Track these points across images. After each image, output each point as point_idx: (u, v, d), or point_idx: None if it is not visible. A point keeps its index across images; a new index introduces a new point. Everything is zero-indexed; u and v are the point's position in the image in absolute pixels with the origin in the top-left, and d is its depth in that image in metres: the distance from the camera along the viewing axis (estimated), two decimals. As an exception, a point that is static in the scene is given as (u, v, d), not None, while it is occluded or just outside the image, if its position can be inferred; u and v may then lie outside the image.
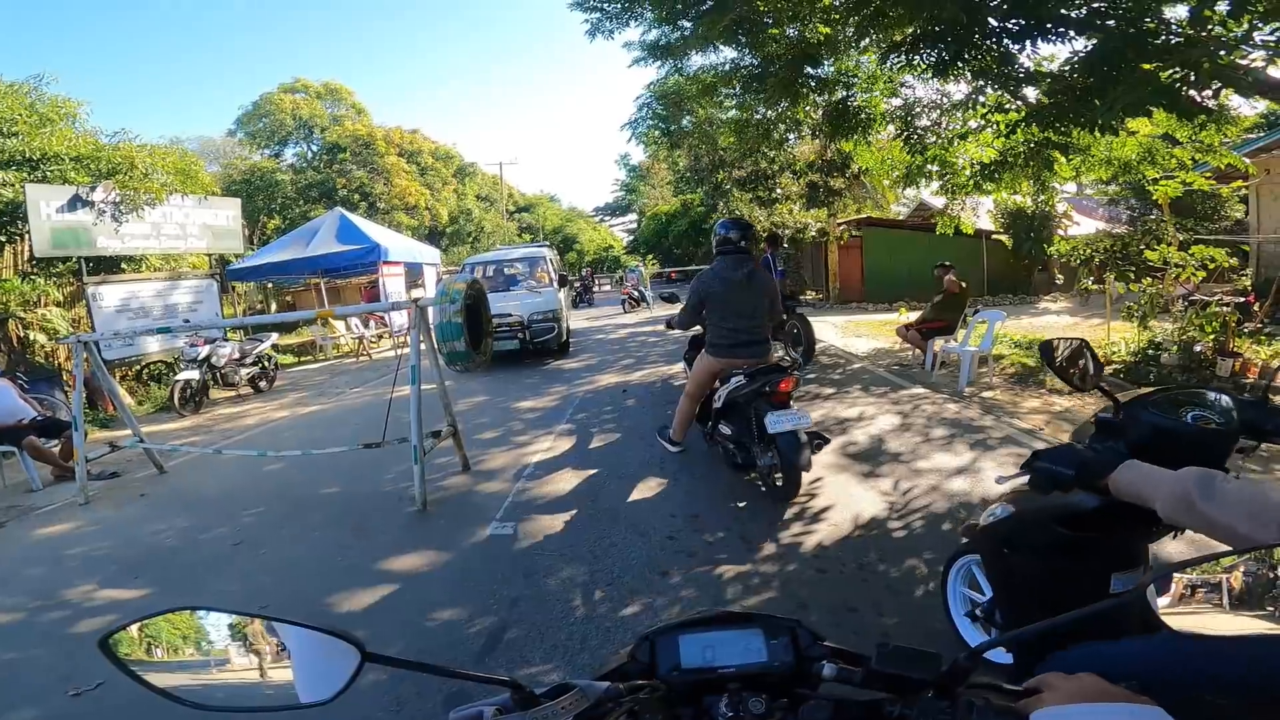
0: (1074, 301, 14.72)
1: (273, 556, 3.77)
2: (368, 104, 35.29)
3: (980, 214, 15.86)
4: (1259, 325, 7.10)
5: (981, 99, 6.43)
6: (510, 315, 9.51)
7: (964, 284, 8.24)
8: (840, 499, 3.78)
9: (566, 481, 4.58)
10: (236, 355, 9.71)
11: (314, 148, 31.59)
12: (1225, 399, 1.51)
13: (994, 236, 16.46)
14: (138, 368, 9.97)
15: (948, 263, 8.22)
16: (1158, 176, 8.56)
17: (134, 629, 0.67)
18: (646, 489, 4.27)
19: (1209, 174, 10.17)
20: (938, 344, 7.69)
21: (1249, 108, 9.59)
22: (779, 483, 3.78)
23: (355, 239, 12.88)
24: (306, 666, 0.67)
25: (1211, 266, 9.13)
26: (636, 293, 19.07)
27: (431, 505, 4.31)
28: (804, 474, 3.76)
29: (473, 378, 9.34)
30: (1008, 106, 6.10)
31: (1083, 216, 17.71)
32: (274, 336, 11.23)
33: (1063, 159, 8.37)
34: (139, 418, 6.94)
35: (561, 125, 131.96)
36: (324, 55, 71.49)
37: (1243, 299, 10.02)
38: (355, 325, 14.43)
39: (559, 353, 10.49)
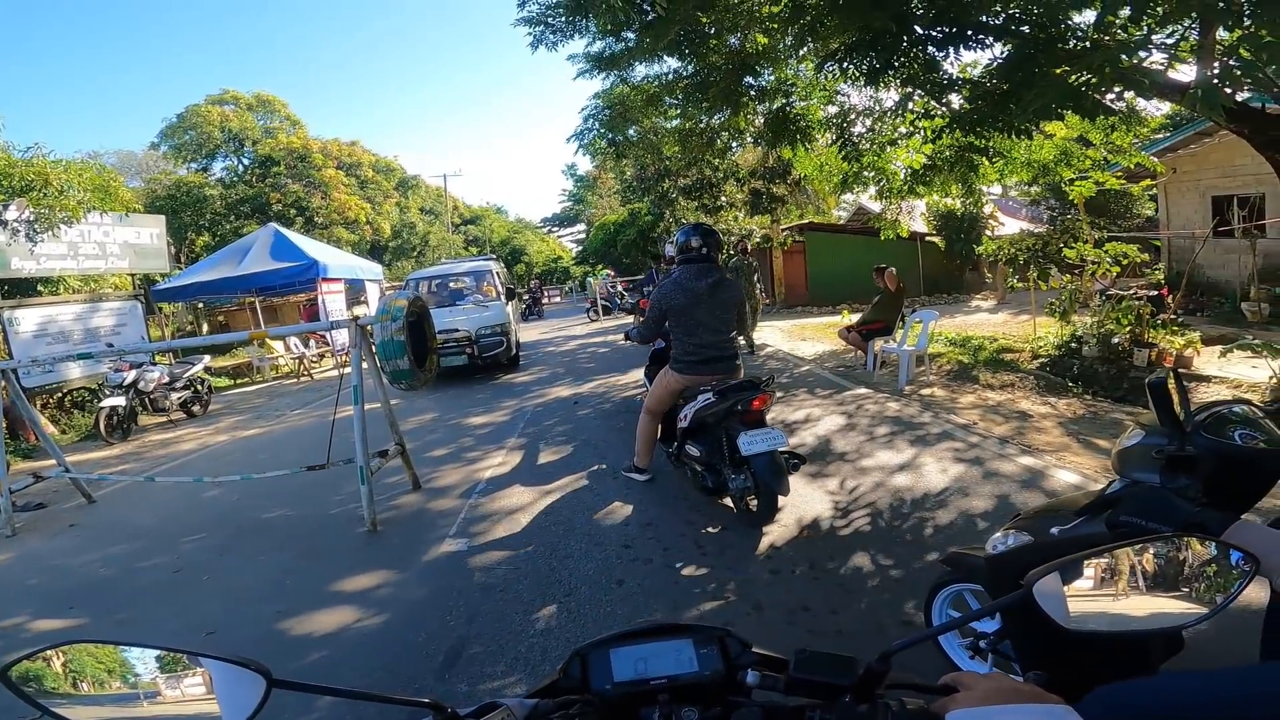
0: (1003, 300, 15.48)
1: (217, 584, 3.64)
2: (304, 116, 34.10)
3: (915, 217, 16.51)
4: (1172, 317, 7.60)
5: (910, 105, 6.72)
6: (457, 330, 9.37)
7: (902, 284, 8.56)
8: (790, 500, 3.86)
9: (520, 496, 4.53)
10: (166, 379, 9.26)
11: (245, 161, 30.35)
12: (1241, 408, 1.49)
13: (928, 239, 17.16)
14: (59, 395, 9.41)
15: (883, 265, 8.53)
16: (1073, 177, 9.04)
17: (37, 661, 0.65)
18: (601, 499, 4.27)
19: (1120, 174, 10.87)
20: (878, 344, 7.96)
21: (1154, 109, 10.33)
22: (754, 507, 3.52)
23: (291, 256, 12.45)
24: (215, 696, 0.66)
25: (1125, 262, 9.78)
26: (606, 302, 19.13)
27: (382, 525, 4.22)
28: (781, 498, 3.55)
29: (421, 395, 9.15)
30: (934, 113, 6.40)
31: (1008, 217, 18.67)
32: (206, 359, 10.77)
33: (986, 163, 8.83)
34: (63, 447, 6.60)
35: (506, 137, 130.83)
36: (256, 67, 68.64)
37: (1156, 292, 10.76)
38: (295, 345, 13.94)
39: (509, 367, 10.39)
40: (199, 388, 10.02)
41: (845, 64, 6.18)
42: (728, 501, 3.90)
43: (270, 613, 3.16)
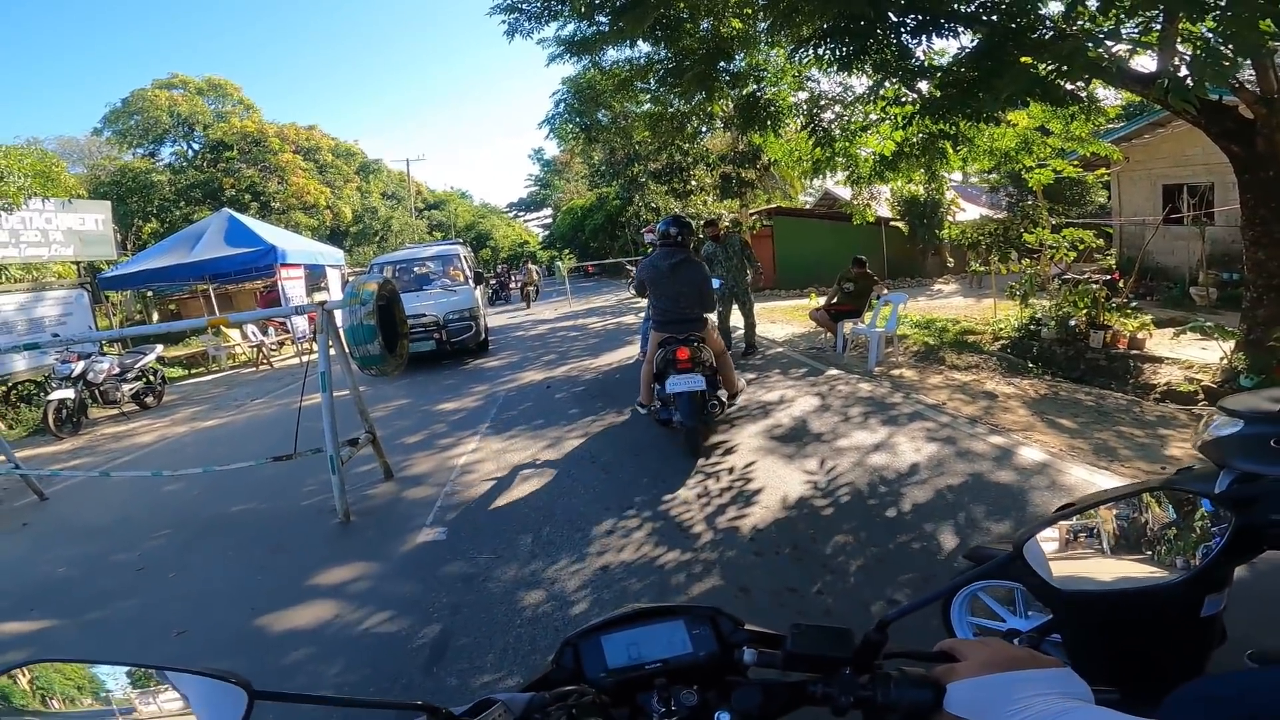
0: (964, 283, 15.84)
1: (185, 582, 3.51)
2: (260, 101, 32.92)
3: (879, 202, 16.76)
4: (1125, 300, 7.87)
5: (881, 92, 6.77)
6: (425, 315, 9.18)
7: (875, 277, 8.72)
8: (770, 481, 3.90)
9: (496, 481, 4.48)
10: (116, 370, 8.87)
11: (195, 146, 29.11)
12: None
13: (892, 223, 17.44)
14: (4, 389, 8.99)
15: (862, 258, 8.64)
16: (1032, 165, 9.25)
17: (2, 680, 0.60)
18: (580, 484, 4.24)
19: (1076, 162, 11.19)
20: (847, 326, 8.08)
21: (1113, 97, 10.64)
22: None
23: (247, 241, 12.01)
24: (195, 713, 0.63)
25: (1081, 247, 10.09)
26: (532, 287, 19.11)
27: (356, 516, 4.13)
28: (706, 431, 4.47)
29: (390, 382, 8.97)
30: (904, 99, 6.46)
31: (968, 203, 19.06)
32: (158, 349, 10.35)
33: (951, 150, 9.02)
34: (11, 442, 6.25)
35: (472, 121, 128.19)
36: (208, 52, 65.63)
37: (1109, 276, 11.15)
38: (253, 333, 13.47)
39: (478, 352, 10.23)
40: (151, 379, 9.66)
41: (819, 49, 6.22)
42: (710, 484, 3.94)
43: (244, 611, 3.05)
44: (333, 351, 4.09)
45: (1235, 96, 5.65)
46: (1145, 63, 5.58)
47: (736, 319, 8.21)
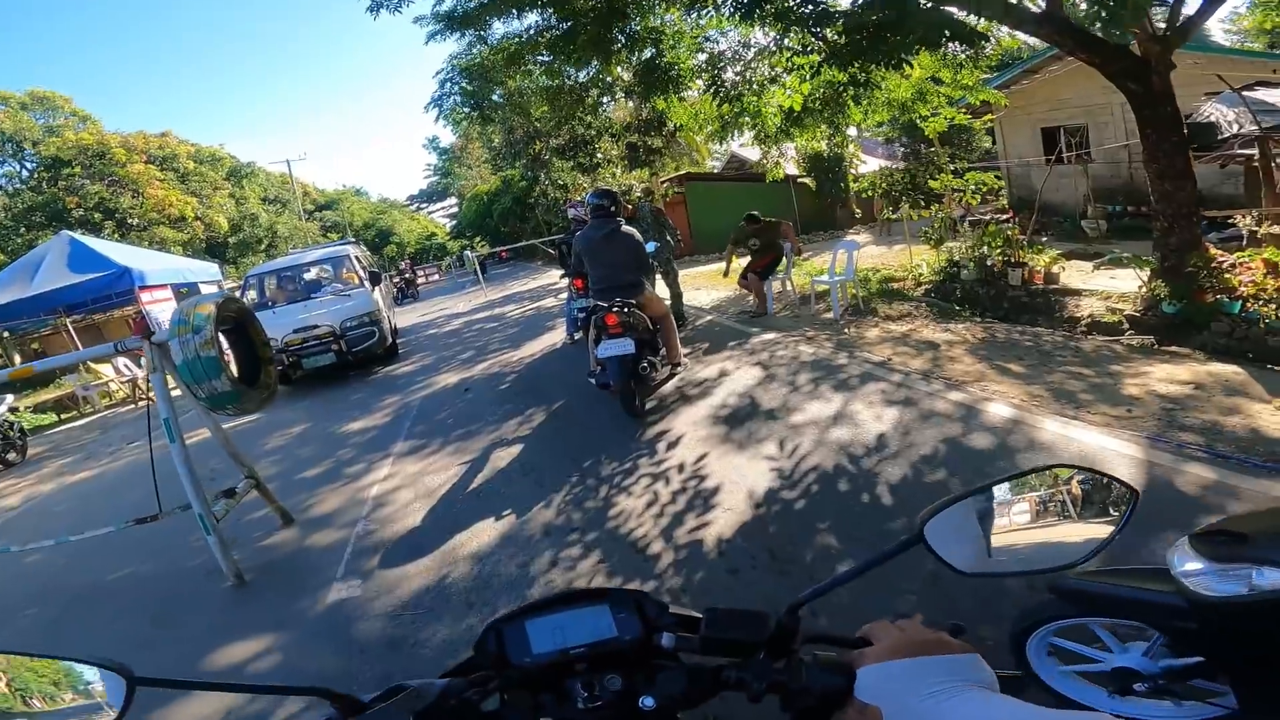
0: (874, 233, 16.11)
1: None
2: (96, 111, 29.56)
3: (786, 161, 16.77)
4: (1024, 238, 7.99)
5: (786, 42, 6.44)
6: (317, 327, 8.18)
7: (775, 221, 8.47)
8: (728, 476, 3.48)
9: (417, 513, 3.86)
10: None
11: (29, 165, 25.72)
12: None
13: (800, 180, 17.51)
14: None
15: (754, 213, 8.35)
16: (927, 115, 9.35)
17: None
18: (514, 504, 3.69)
19: (964, 110, 11.44)
20: (776, 286, 7.88)
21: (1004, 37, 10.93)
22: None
23: (95, 265, 10.49)
24: (74, 700, 0.65)
25: (983, 190, 10.28)
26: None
27: (252, 574, 3.48)
28: (639, 394, 4.57)
29: (285, 406, 7.99)
30: (810, 49, 6.13)
31: (868, 156, 19.45)
32: (8, 399, 8.86)
33: (852, 104, 8.93)
34: None
35: (360, 116, 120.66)
36: (29, 65, 58.10)
37: (1005, 216, 11.50)
38: (125, 366, 11.89)
39: (386, 358, 9.32)
40: (9, 432, 8.42)
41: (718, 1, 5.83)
42: (660, 488, 3.49)
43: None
44: (178, 392, 3.31)
45: (1129, 36, 5.72)
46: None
47: (662, 290, 7.78)
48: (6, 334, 17.54)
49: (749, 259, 8.18)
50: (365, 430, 5.93)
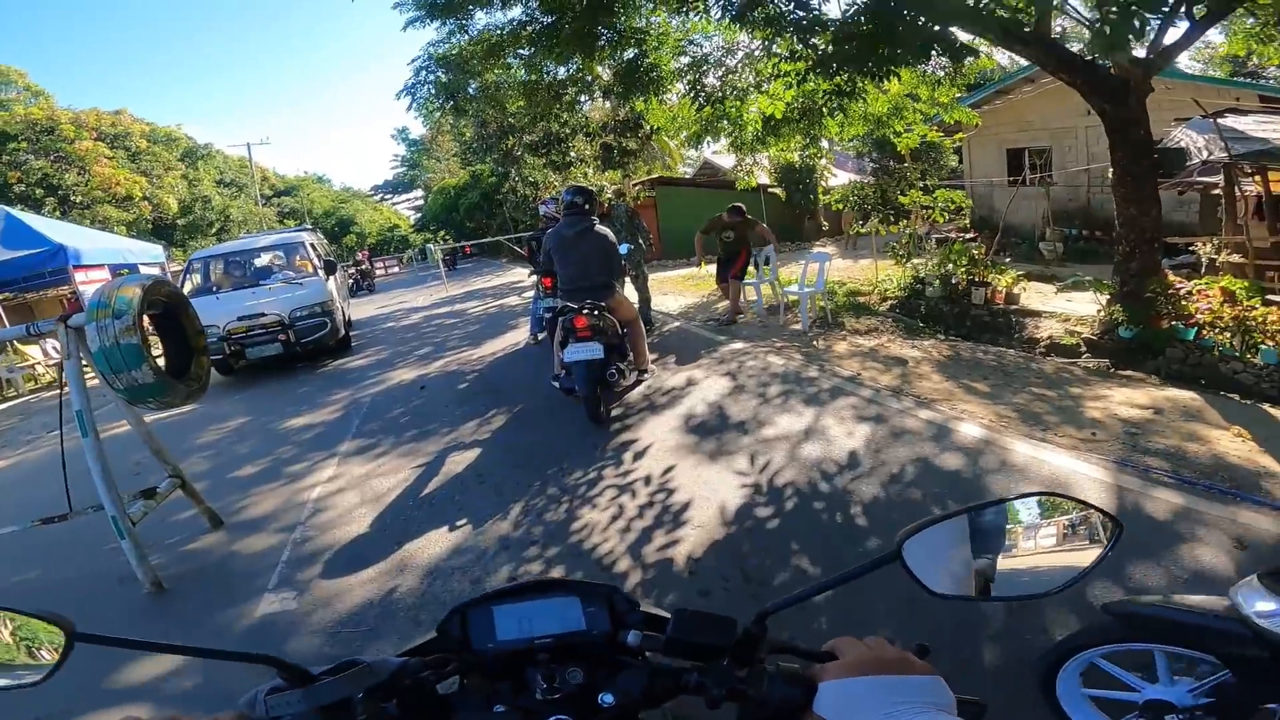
0: (840, 245, 16.30)
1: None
2: (51, 87, 28.14)
3: (759, 170, 16.84)
4: (988, 258, 8.10)
5: (774, 48, 6.37)
6: (264, 315, 7.74)
7: (753, 220, 8.44)
8: (698, 490, 3.33)
9: (361, 519, 3.60)
10: None
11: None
12: None
13: (770, 190, 17.62)
14: None
15: (740, 205, 8.30)
16: (901, 130, 9.45)
17: None
18: (468, 513, 3.47)
19: (935, 127, 11.64)
20: (751, 292, 7.88)
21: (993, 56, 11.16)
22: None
23: (29, 242, 9.76)
24: (13, 649, 0.65)
25: (952, 208, 10.44)
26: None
27: (172, 582, 3.17)
28: (608, 399, 4.51)
29: (225, 397, 7.54)
30: (798, 55, 6.07)
31: (838, 169, 19.70)
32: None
33: (828, 117, 8.97)
34: None
35: (327, 103, 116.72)
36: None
37: (968, 235, 11.71)
38: (54, 349, 11.12)
39: (338, 351, 8.90)
40: None
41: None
42: (626, 501, 3.32)
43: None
44: (96, 381, 3.00)
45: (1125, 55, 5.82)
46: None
47: (630, 293, 7.63)
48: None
49: (718, 259, 8.10)
50: (310, 427, 5.60)
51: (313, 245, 9.29)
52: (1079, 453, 3.35)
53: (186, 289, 8.55)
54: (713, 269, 8.61)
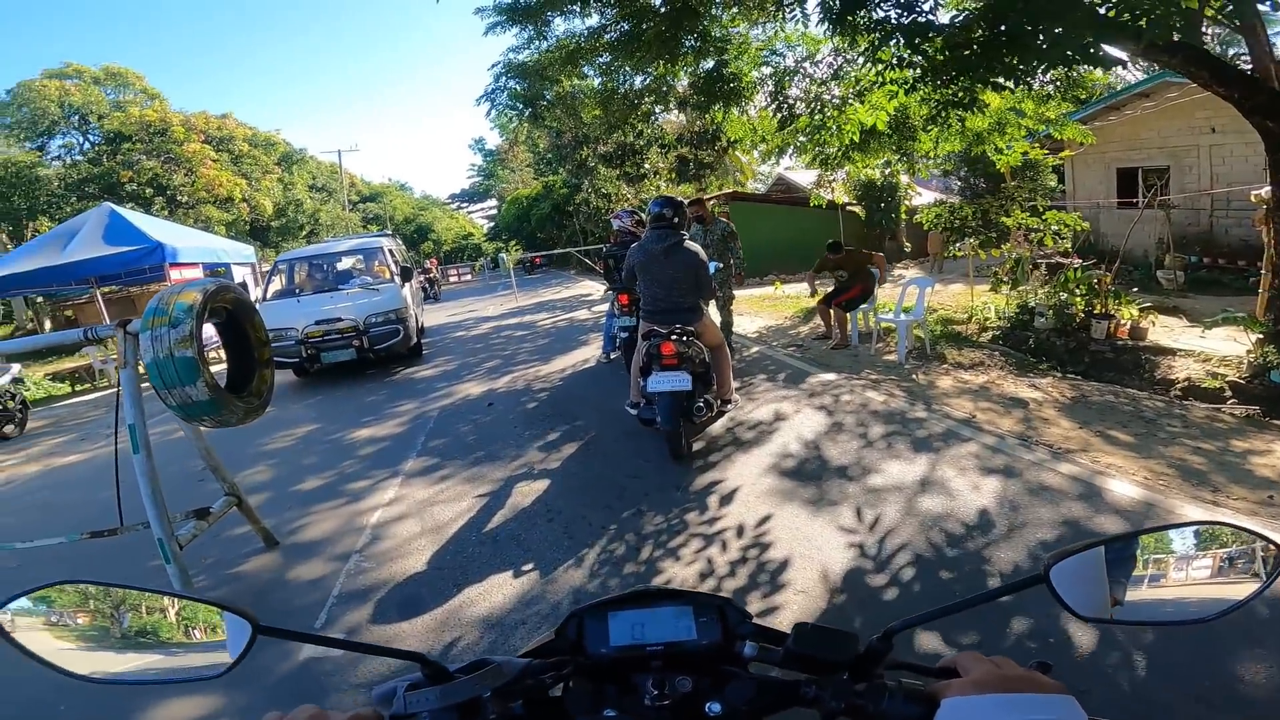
0: (925, 268, 15.36)
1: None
2: (166, 90, 30.24)
3: (837, 187, 16.18)
4: (1110, 287, 7.26)
5: (878, 54, 5.89)
6: (341, 320, 7.77)
7: (863, 250, 7.95)
8: (797, 546, 2.87)
9: (421, 551, 3.32)
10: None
11: (92, 139, 26.38)
12: None
13: (848, 208, 16.87)
14: None
15: (838, 241, 7.82)
16: (1003, 147, 8.81)
17: (19, 603, 0.64)
18: (530, 554, 3.13)
19: (1040, 145, 10.77)
20: (861, 318, 7.25)
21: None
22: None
23: (130, 238, 10.22)
24: (200, 640, 0.68)
25: (1065, 232, 9.54)
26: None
27: None
28: (692, 431, 4.14)
29: (298, 399, 7.57)
30: (907, 61, 5.56)
31: (921, 188, 18.71)
32: (14, 369, 8.62)
33: (921, 132, 8.37)
34: None
35: (410, 110, 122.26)
36: (110, 40, 60.30)
37: (1090, 262, 10.66)
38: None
39: (410, 358, 8.88)
40: (9, 403, 8.14)
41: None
42: (715, 554, 2.89)
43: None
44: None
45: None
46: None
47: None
48: (40, 299, 17.75)
49: (832, 288, 7.61)
50: (376, 440, 5.43)
51: (391, 251, 9.35)
52: (1259, 519, 2.78)
53: (271, 290, 8.75)
54: (791, 289, 8.10)
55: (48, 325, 18.69)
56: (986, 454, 3.65)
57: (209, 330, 2.77)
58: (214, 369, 2.80)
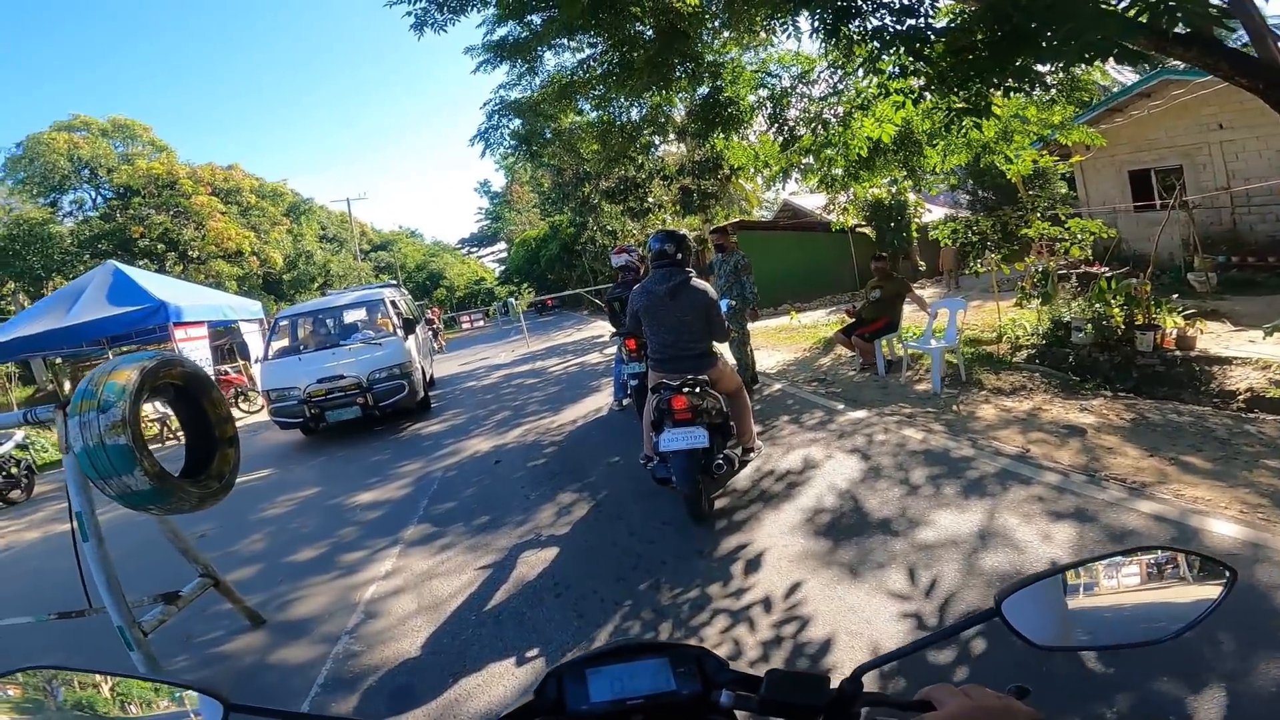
0: (941, 286, 14.98)
1: None
2: (174, 141, 30.73)
3: (843, 209, 15.94)
4: (1150, 295, 6.83)
5: (878, 65, 5.66)
6: (343, 377, 7.51)
7: (902, 276, 7.63)
8: (840, 621, 2.45)
9: (416, 632, 2.95)
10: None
11: (104, 194, 26.83)
12: None
13: (858, 229, 16.60)
14: None
15: (883, 253, 7.51)
16: (1011, 156, 8.55)
17: None
18: (537, 636, 2.74)
19: (1049, 151, 10.48)
20: (885, 345, 6.87)
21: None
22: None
23: (133, 298, 10.18)
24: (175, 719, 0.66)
25: (1089, 239, 9.14)
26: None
27: None
28: (712, 488, 3.78)
29: (302, 460, 7.29)
30: (910, 69, 5.30)
31: (929, 204, 18.44)
32: (17, 436, 8.49)
33: (927, 147, 8.13)
34: None
35: (416, 155, 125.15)
36: (116, 92, 62.61)
37: (1120, 270, 10.21)
38: (157, 404, 11.56)
39: (418, 412, 8.60)
40: (14, 470, 8.12)
41: (798, 12, 5.18)
42: (743, 633, 2.49)
43: None
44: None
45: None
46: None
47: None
48: (59, 360, 17.87)
49: (853, 318, 7.26)
50: (377, 504, 5.09)
51: (393, 303, 9.13)
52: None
53: (274, 348, 8.56)
54: (806, 317, 7.75)
55: (67, 386, 18.82)
56: (1052, 495, 3.21)
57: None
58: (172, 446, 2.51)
